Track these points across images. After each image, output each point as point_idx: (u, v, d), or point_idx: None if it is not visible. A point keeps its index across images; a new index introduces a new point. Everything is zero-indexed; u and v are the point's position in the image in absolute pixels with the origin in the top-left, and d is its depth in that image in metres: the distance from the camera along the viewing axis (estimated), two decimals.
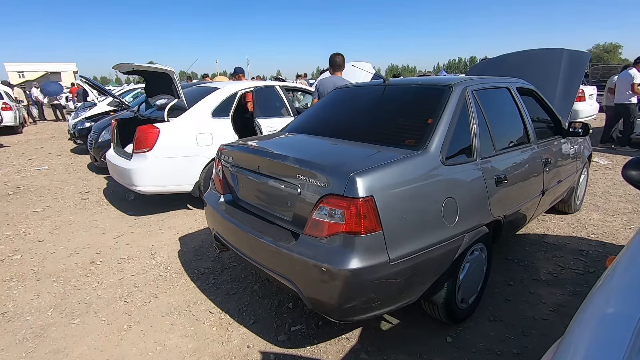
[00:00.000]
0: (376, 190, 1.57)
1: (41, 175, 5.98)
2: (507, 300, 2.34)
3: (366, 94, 2.66)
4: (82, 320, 2.25)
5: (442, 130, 1.93)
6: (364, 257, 1.54)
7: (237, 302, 2.40)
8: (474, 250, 2.09)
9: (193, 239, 3.37)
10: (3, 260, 3.04)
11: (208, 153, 3.87)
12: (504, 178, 2.19)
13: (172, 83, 3.84)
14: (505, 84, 2.61)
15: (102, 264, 2.94)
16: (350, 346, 1.99)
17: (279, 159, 1.89)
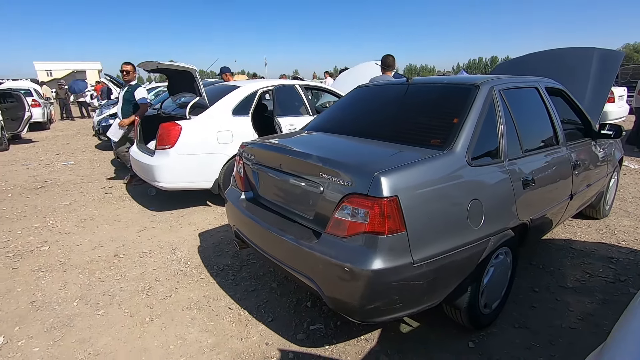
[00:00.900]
0: (401, 190, 1.54)
1: (67, 170, 6.19)
2: (532, 307, 2.27)
3: (389, 93, 2.63)
4: (106, 311, 2.30)
5: (468, 130, 1.89)
6: (387, 258, 1.51)
7: (255, 299, 2.41)
8: (499, 254, 2.03)
9: (212, 235, 3.41)
10: (32, 251, 3.15)
11: (228, 151, 3.91)
12: (532, 180, 2.12)
13: (194, 81, 3.90)
14: (533, 83, 2.53)
15: (125, 258, 3.01)
16: (370, 347, 1.97)
17: (301, 157, 1.88)
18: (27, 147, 8.60)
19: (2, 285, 2.61)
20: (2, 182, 5.47)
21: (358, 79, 4.86)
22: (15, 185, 5.24)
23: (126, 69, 4.72)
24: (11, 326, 2.17)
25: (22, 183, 5.38)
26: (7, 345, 2.01)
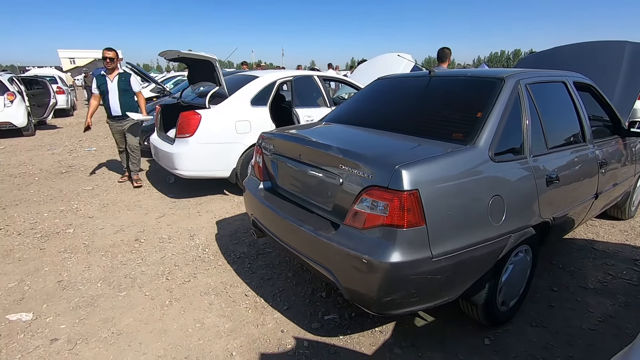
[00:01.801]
0: (422, 183, 1.53)
1: (90, 155, 6.37)
2: (550, 307, 2.23)
3: (410, 85, 2.59)
4: (128, 293, 2.38)
5: (492, 124, 1.85)
6: (406, 251, 1.51)
7: (271, 288, 2.45)
8: (519, 252, 2.00)
9: (229, 224, 3.47)
10: (58, 232, 3.28)
11: (246, 140, 3.95)
12: (556, 178, 2.06)
13: (214, 71, 3.93)
14: (561, 78, 2.44)
15: (145, 242, 3.10)
16: (384, 339, 1.98)
17: (322, 148, 1.89)
18: (52, 133, 8.88)
19: (31, 264, 2.73)
20: (30, 166, 5.68)
21: (377, 70, 4.81)
22: (42, 170, 5.43)
23: (109, 55, 4.15)
24: (40, 303, 2.27)
25: (47, 167, 5.57)
26: (36, 322, 2.11)
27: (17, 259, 2.81)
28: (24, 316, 2.15)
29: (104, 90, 4.23)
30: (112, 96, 4.26)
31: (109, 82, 4.23)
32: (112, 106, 4.29)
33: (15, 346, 1.92)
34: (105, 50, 4.20)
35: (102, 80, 4.26)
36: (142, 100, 4.44)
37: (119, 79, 4.26)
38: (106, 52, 4.18)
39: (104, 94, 4.25)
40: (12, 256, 2.85)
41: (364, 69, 7.25)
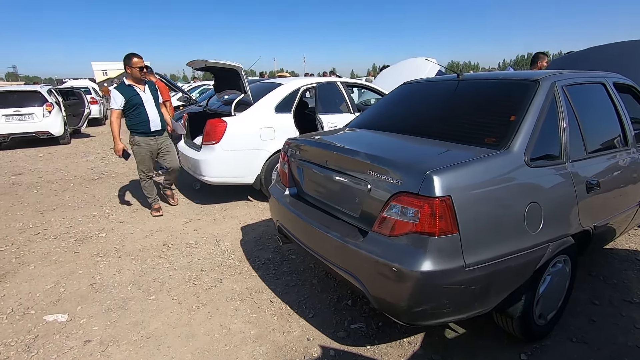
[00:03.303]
0: (454, 190, 1.47)
1: (121, 163, 6.60)
2: (592, 321, 2.10)
3: (437, 89, 2.54)
4: (156, 297, 2.43)
5: (527, 128, 1.77)
6: (438, 260, 1.46)
7: (296, 294, 2.43)
8: (557, 262, 1.89)
9: (254, 230, 3.49)
10: (91, 237, 3.40)
11: (270, 147, 3.98)
12: (597, 184, 1.95)
13: (240, 79, 4.00)
14: (600, 79, 2.32)
15: (173, 247, 3.16)
16: (413, 351, 1.92)
17: (349, 154, 1.86)
18: (86, 141, 9.31)
19: (66, 267, 2.84)
20: (66, 172, 5.96)
21: (401, 75, 4.76)
22: (76, 176, 5.69)
23: (144, 64, 3.67)
24: (74, 305, 2.35)
25: (82, 174, 5.83)
26: (71, 323, 2.18)
27: (54, 261, 2.94)
28: (59, 317, 2.22)
29: (137, 102, 3.59)
30: (150, 108, 3.66)
31: (142, 93, 3.63)
32: (151, 119, 3.66)
33: (52, 346, 1.98)
34: (137, 57, 3.59)
35: (131, 91, 3.59)
36: (169, 110, 4.16)
37: (150, 89, 3.74)
38: (140, 60, 3.61)
39: (136, 106, 3.59)
40: (49, 259, 2.98)
41: (388, 74, 7.20)
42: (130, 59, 3.55)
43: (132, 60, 3.55)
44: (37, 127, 8.20)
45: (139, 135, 3.68)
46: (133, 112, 3.62)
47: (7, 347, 1.98)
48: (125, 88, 3.60)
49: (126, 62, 3.57)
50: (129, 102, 3.58)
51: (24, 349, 1.96)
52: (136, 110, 3.62)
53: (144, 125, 3.66)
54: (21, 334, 2.08)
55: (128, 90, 3.60)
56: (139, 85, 3.66)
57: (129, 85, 3.61)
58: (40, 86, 9.33)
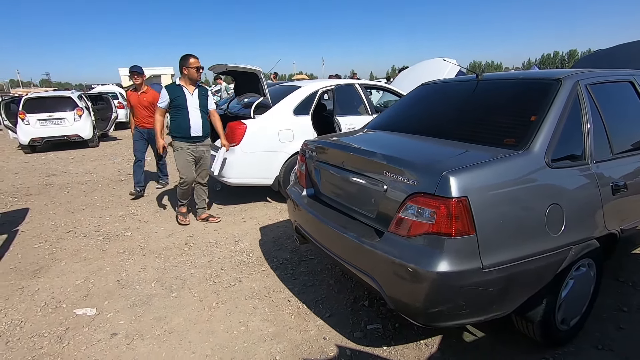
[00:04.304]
0: (471, 190, 1.47)
1: (145, 164, 6.83)
2: (620, 329, 2.02)
3: (456, 90, 2.51)
4: (178, 294, 2.51)
5: (548, 128, 1.73)
6: (454, 261, 1.45)
7: (313, 294, 2.46)
8: (581, 266, 1.84)
9: (272, 230, 3.55)
10: (118, 235, 3.55)
11: (288, 149, 4.04)
12: (623, 186, 1.89)
13: (259, 82, 4.08)
14: (628, 77, 2.25)
15: (194, 246, 3.26)
16: (430, 353, 1.91)
17: (365, 155, 1.88)
18: (113, 144, 9.69)
19: (95, 264, 2.98)
20: (94, 174, 6.23)
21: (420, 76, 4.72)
22: (104, 178, 5.94)
23: (200, 64, 3.51)
24: (102, 300, 2.46)
25: (109, 175, 6.08)
26: (99, 317, 2.29)
27: (83, 258, 3.08)
28: (88, 311, 2.34)
29: (181, 104, 3.43)
30: (193, 112, 3.47)
31: (189, 95, 3.46)
32: (192, 124, 3.47)
33: (81, 338, 2.09)
34: (194, 58, 3.47)
35: (178, 91, 3.44)
36: (218, 120, 3.72)
37: (200, 93, 3.53)
38: (197, 60, 3.47)
39: (179, 108, 3.44)
40: (79, 256, 3.13)
41: (406, 75, 7.15)
42: (187, 59, 3.44)
43: (188, 61, 3.43)
44: (68, 130, 8.61)
45: (179, 139, 3.51)
46: (175, 114, 3.49)
47: (40, 338, 2.10)
48: (174, 88, 3.49)
49: (183, 63, 3.45)
50: (173, 102, 3.44)
51: (56, 340, 2.07)
52: (178, 112, 3.47)
53: (184, 130, 3.48)
54: (53, 326, 2.20)
55: (175, 90, 3.47)
56: (189, 87, 3.49)
57: (179, 86, 3.48)
58: (71, 92, 9.80)
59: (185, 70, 3.45)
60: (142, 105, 4.73)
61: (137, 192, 4.74)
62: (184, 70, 3.46)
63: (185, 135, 3.49)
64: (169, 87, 3.52)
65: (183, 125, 3.47)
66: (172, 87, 3.50)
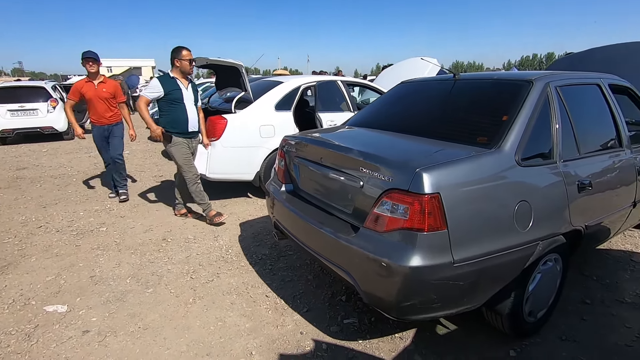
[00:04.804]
0: (443, 187, 1.50)
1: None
2: (582, 320, 2.12)
3: (433, 89, 2.56)
4: (154, 290, 2.48)
5: (518, 128, 1.79)
6: (426, 256, 1.49)
7: (292, 290, 2.47)
8: (547, 261, 1.92)
9: (252, 226, 3.53)
10: (92, 230, 3.45)
11: (270, 144, 4.02)
12: (589, 184, 1.97)
13: (240, 76, 4.04)
14: (595, 80, 2.34)
15: (172, 242, 3.21)
16: (404, 346, 1.95)
17: (342, 151, 1.90)
18: (89, 137, 9.27)
19: (67, 260, 2.89)
20: (69, 168, 6.03)
21: (402, 75, 4.77)
22: (79, 172, 5.76)
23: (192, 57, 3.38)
24: (74, 297, 2.40)
25: (84, 169, 5.89)
26: (70, 314, 2.23)
27: (55, 254, 2.99)
28: (59, 308, 2.27)
29: (178, 98, 3.28)
30: (190, 107, 3.36)
31: (184, 89, 3.33)
32: (190, 119, 3.36)
33: (51, 335, 2.03)
34: (186, 50, 3.32)
35: (173, 84, 3.28)
36: (202, 117, 3.60)
37: (193, 88, 3.44)
38: (189, 52, 3.33)
39: (175, 102, 3.28)
40: (50, 251, 3.03)
41: (389, 73, 7.21)
42: (179, 51, 3.29)
43: (181, 53, 3.28)
44: (41, 122, 8.27)
45: (176, 135, 3.33)
46: (170, 108, 3.29)
47: (7, 336, 2.03)
48: (168, 80, 3.29)
49: (174, 55, 3.30)
50: (168, 96, 3.26)
51: (24, 338, 2.01)
52: (174, 106, 3.29)
53: (182, 125, 3.33)
54: (22, 324, 2.13)
55: (170, 82, 3.28)
56: (183, 81, 3.36)
57: (173, 78, 3.31)
58: (44, 82, 9.42)
59: (177, 62, 3.30)
60: (102, 98, 4.04)
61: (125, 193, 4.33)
62: (176, 63, 3.31)
63: (182, 131, 3.35)
64: (162, 78, 3.30)
65: (180, 120, 3.33)
66: (166, 79, 3.29)
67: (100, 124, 4.16)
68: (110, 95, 4.13)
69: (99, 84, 4.07)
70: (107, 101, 4.12)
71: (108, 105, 4.14)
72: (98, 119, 4.14)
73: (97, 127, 4.17)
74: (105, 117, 4.15)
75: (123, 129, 4.33)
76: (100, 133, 4.21)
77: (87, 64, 3.94)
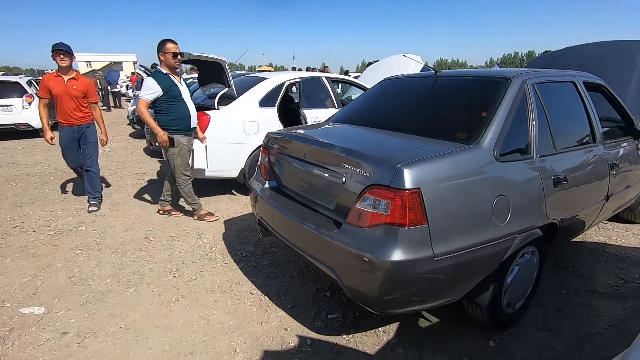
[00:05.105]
0: (424, 182, 1.53)
1: (103, 156, 6.49)
2: (558, 310, 2.19)
3: (415, 86, 2.59)
4: (136, 289, 2.43)
5: (497, 124, 1.83)
6: (407, 250, 1.51)
7: (276, 286, 2.47)
8: (525, 254, 1.97)
9: (237, 223, 3.51)
10: (71, 230, 3.36)
11: (254, 141, 3.99)
12: (564, 179, 2.04)
13: (224, 72, 3.98)
14: (571, 78, 2.41)
15: (154, 240, 3.16)
16: (387, 339, 1.98)
17: (325, 148, 1.90)
18: None
19: (44, 260, 2.81)
20: (46, 165, 5.85)
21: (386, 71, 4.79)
22: (57, 170, 5.59)
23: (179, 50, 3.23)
24: (51, 298, 2.34)
25: (63, 167, 5.69)
26: (48, 315, 2.17)
27: (31, 254, 2.90)
28: (36, 310, 2.21)
29: (178, 94, 3.21)
30: (189, 101, 3.32)
31: (180, 84, 3.26)
32: (192, 115, 3.31)
33: (27, 338, 1.98)
34: (172, 43, 3.19)
35: (169, 81, 3.18)
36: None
37: (185, 83, 3.40)
38: (175, 46, 3.20)
39: (175, 99, 3.20)
40: (26, 252, 2.94)
41: (373, 69, 7.24)
42: (163, 44, 3.16)
43: (165, 46, 3.15)
44: (16, 118, 7.98)
45: (179, 133, 3.24)
46: (171, 106, 3.19)
47: None
48: (163, 77, 3.16)
49: (159, 48, 3.18)
50: (167, 94, 3.15)
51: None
52: (175, 104, 3.19)
53: (184, 121, 3.25)
54: None
55: (166, 79, 3.16)
56: (175, 76, 3.26)
57: (166, 75, 3.19)
58: (19, 77, 9.07)
59: (161, 56, 3.18)
60: (71, 96, 3.62)
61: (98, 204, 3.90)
62: (160, 57, 3.20)
63: (186, 127, 3.28)
64: (157, 76, 3.15)
65: (184, 116, 3.25)
66: (162, 77, 3.16)
67: (69, 124, 3.70)
68: (81, 94, 3.67)
69: (69, 80, 3.62)
70: (77, 99, 3.66)
71: (78, 104, 3.68)
72: (66, 118, 3.69)
73: (66, 128, 3.73)
74: (75, 117, 3.69)
75: (96, 133, 3.88)
76: (69, 135, 3.74)
77: (57, 57, 3.54)
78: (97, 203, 3.92)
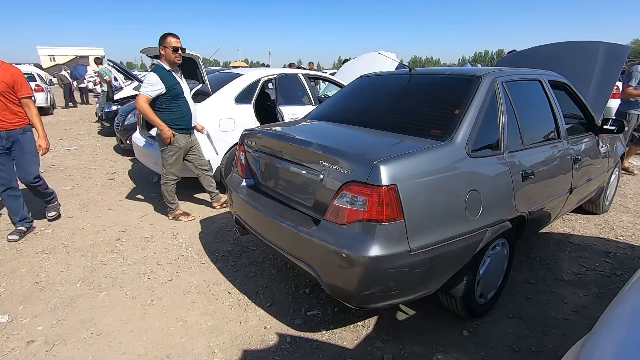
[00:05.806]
0: (399, 179, 1.55)
1: (70, 155, 6.22)
2: (527, 299, 2.30)
3: (391, 83, 2.62)
4: (108, 293, 2.35)
5: (469, 121, 1.89)
6: (384, 245, 1.53)
7: (255, 285, 2.45)
8: (496, 246, 2.05)
9: (213, 222, 3.45)
10: (36, 233, 3.20)
11: (230, 138, 3.92)
12: (531, 173, 2.13)
13: (197, 68, 3.88)
14: (537, 76, 2.52)
15: (127, 242, 3.05)
16: (366, 333, 2.01)
17: (302, 145, 1.90)
18: None
19: (7, 266, 2.66)
20: None
21: (362, 69, 4.84)
22: None
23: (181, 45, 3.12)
24: (16, 305, 2.22)
25: None
26: (12, 324, 2.06)
27: None
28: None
29: (180, 92, 3.13)
30: (190, 99, 3.26)
31: (181, 82, 3.18)
32: (193, 113, 3.27)
33: None
34: (174, 37, 3.06)
35: (172, 78, 3.08)
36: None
37: (185, 79, 3.35)
38: (177, 40, 3.07)
39: (177, 97, 3.11)
40: None
41: (349, 67, 7.28)
42: (164, 38, 3.04)
43: (166, 40, 3.03)
44: None
45: (179, 131, 3.18)
46: (173, 104, 3.11)
47: None
48: (166, 74, 3.04)
49: (160, 42, 3.06)
50: (170, 92, 3.05)
51: None
52: (177, 102, 3.12)
53: (186, 120, 3.19)
54: None
55: (169, 76, 3.06)
56: (177, 74, 3.18)
57: (169, 71, 3.08)
58: None
59: (162, 50, 3.06)
60: None
61: (24, 232, 3.12)
62: (161, 51, 3.08)
63: (187, 126, 3.25)
64: (160, 72, 3.02)
65: (187, 115, 3.21)
66: (164, 73, 3.04)
67: None
68: (7, 87, 2.81)
69: None
70: (2, 95, 2.82)
71: (5, 102, 2.84)
72: None
73: None
74: (3, 119, 2.86)
75: (34, 139, 3.09)
76: None
77: None
78: (56, 207, 3.47)
